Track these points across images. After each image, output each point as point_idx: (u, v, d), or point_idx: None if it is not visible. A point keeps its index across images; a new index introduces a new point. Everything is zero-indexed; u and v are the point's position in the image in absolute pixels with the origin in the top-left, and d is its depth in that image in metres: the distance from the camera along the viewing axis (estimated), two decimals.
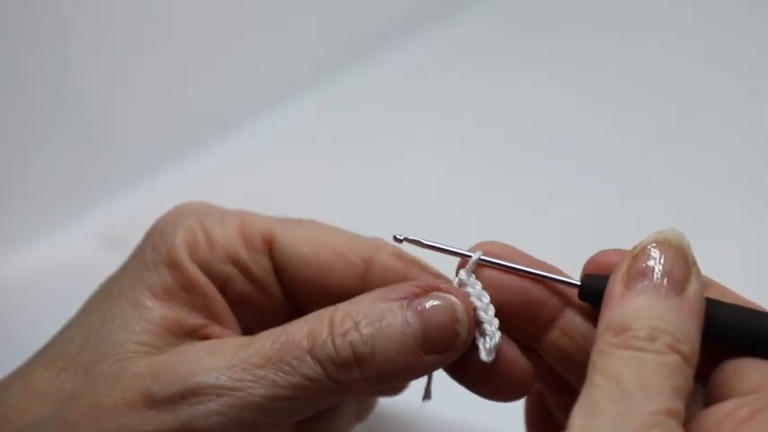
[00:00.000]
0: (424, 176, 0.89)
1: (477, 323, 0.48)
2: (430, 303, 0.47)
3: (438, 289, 0.48)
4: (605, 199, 0.85)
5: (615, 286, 0.45)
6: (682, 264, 0.45)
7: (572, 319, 0.48)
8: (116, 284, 0.50)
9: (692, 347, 0.44)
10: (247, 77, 0.96)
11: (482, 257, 0.49)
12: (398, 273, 0.51)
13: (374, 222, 0.83)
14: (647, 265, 0.45)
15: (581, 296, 0.48)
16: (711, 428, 0.43)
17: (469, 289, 0.48)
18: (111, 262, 0.54)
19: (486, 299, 0.48)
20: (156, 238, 0.50)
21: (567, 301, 0.48)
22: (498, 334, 0.48)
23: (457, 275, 0.49)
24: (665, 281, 0.44)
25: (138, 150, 0.89)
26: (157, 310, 0.49)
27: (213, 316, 0.50)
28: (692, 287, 0.45)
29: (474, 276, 0.49)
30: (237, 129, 0.94)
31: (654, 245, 0.45)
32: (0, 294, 0.76)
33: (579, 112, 0.97)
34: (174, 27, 0.89)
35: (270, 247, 0.51)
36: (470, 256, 0.49)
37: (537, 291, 0.48)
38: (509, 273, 0.49)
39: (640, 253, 0.45)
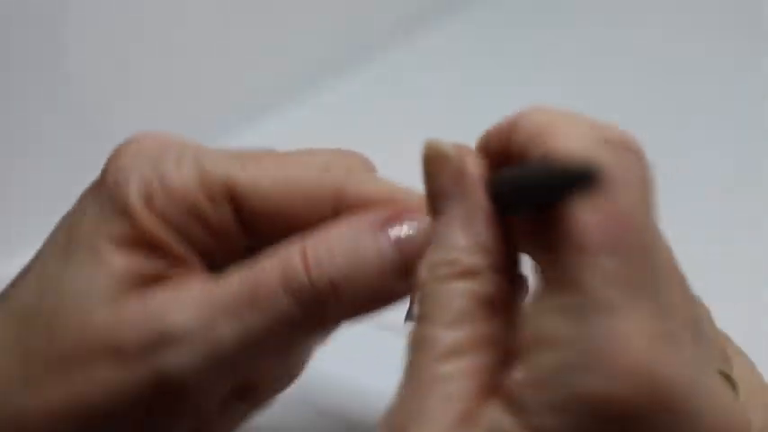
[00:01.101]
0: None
1: None
2: (404, 228, 0.45)
3: (412, 211, 0.45)
4: None
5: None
6: (448, 174, 0.43)
7: None
8: (74, 232, 0.47)
9: (476, 253, 0.41)
10: (247, 77, 0.96)
11: None
12: (374, 201, 0.47)
13: None
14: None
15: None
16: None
17: None
18: None
19: None
20: (111, 185, 0.47)
21: None
22: None
23: None
24: (438, 202, 0.43)
25: None
26: (119, 260, 0.45)
27: (175, 262, 0.46)
28: (461, 190, 0.42)
29: None
30: (237, 129, 0.94)
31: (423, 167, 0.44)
32: None
33: (581, 112, 0.97)
34: (174, 28, 0.89)
35: (231, 195, 0.47)
36: None
37: None
38: None
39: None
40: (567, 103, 1.02)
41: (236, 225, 0.47)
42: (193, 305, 0.44)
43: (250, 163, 0.47)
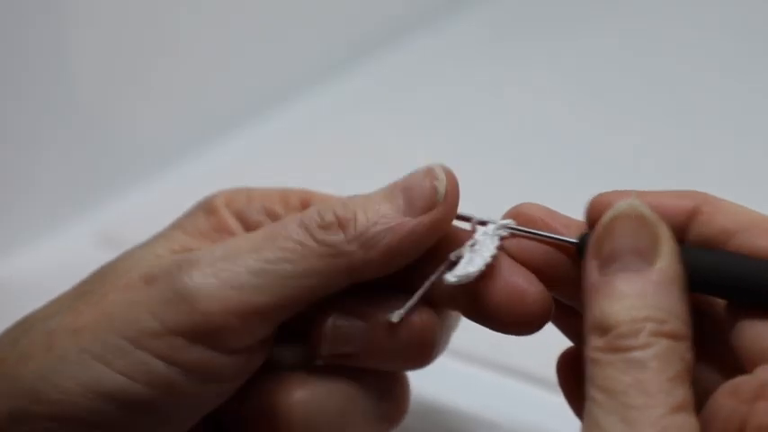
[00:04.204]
0: None
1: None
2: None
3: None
4: None
5: (589, 276, 0.44)
6: (646, 234, 0.44)
7: None
8: (160, 230, 0.54)
9: (680, 319, 0.42)
10: (247, 78, 0.96)
11: (507, 226, 0.49)
12: None
13: None
14: (612, 246, 0.44)
15: (580, 256, 0.47)
16: (716, 410, 0.42)
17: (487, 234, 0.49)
18: None
19: (493, 244, 0.49)
20: (205, 197, 0.54)
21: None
22: (476, 271, 0.48)
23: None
24: (634, 257, 0.43)
25: (138, 151, 0.89)
26: (183, 239, 0.52)
27: None
28: (663, 253, 0.43)
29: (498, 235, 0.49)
30: (237, 129, 0.94)
31: (613, 221, 0.44)
32: (0, 294, 0.76)
33: (581, 111, 0.97)
34: (173, 30, 0.89)
35: (304, 203, 0.54)
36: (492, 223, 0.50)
37: (559, 254, 0.48)
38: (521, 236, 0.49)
39: (603, 234, 0.44)
40: (566, 104, 1.02)
41: None
42: (219, 246, 0.49)
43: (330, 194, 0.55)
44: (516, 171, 0.89)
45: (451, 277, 0.48)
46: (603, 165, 0.89)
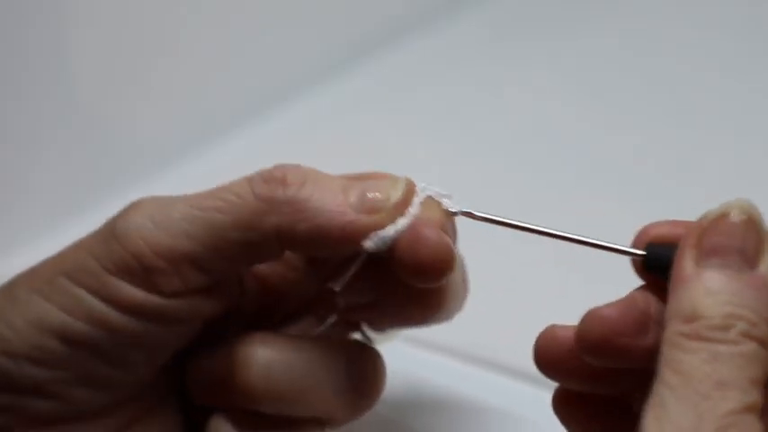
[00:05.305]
0: (424, 175, 0.89)
1: None
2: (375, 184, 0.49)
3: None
4: (605, 201, 0.85)
5: (684, 264, 0.43)
6: (754, 236, 0.43)
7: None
8: None
9: None
10: (247, 78, 0.96)
11: (464, 210, 0.51)
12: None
13: None
14: (716, 241, 0.43)
15: (647, 267, 0.46)
16: None
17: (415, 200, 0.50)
18: None
19: (414, 210, 0.49)
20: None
21: None
22: (392, 235, 0.48)
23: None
24: (738, 257, 0.42)
25: (138, 151, 0.89)
26: None
27: None
28: (766, 260, 0.43)
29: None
30: (237, 129, 0.94)
31: (723, 217, 0.43)
32: None
33: (581, 111, 0.97)
34: (173, 30, 0.89)
35: None
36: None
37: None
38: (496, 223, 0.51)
39: (709, 227, 0.43)
40: (566, 104, 1.02)
41: None
42: (167, 196, 0.50)
43: None
44: (516, 171, 0.89)
45: (368, 242, 0.48)
46: (603, 165, 0.89)
